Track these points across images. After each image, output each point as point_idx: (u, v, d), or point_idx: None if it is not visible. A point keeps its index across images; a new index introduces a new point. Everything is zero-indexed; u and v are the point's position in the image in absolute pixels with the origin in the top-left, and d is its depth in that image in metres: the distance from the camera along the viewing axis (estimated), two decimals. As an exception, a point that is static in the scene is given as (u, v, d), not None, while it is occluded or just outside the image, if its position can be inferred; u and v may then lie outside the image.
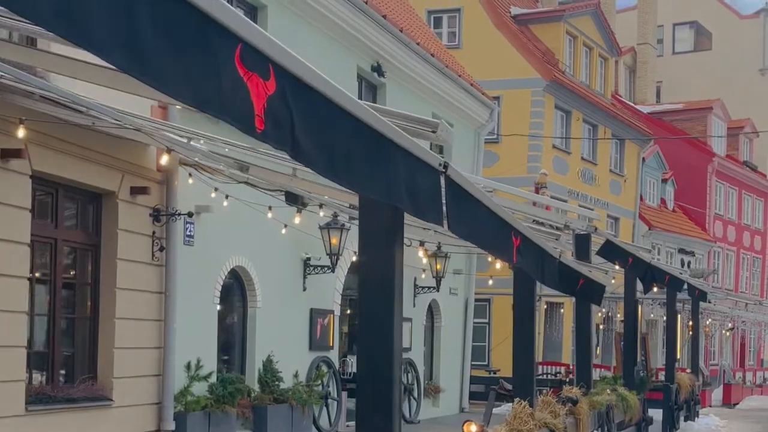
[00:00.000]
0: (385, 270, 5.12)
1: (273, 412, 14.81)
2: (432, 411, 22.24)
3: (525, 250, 6.70)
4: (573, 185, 32.65)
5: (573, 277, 9.57)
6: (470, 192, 5.27)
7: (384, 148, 4.24)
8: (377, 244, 5.17)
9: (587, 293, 10.98)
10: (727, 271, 46.34)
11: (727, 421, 22.22)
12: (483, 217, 5.58)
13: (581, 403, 10.77)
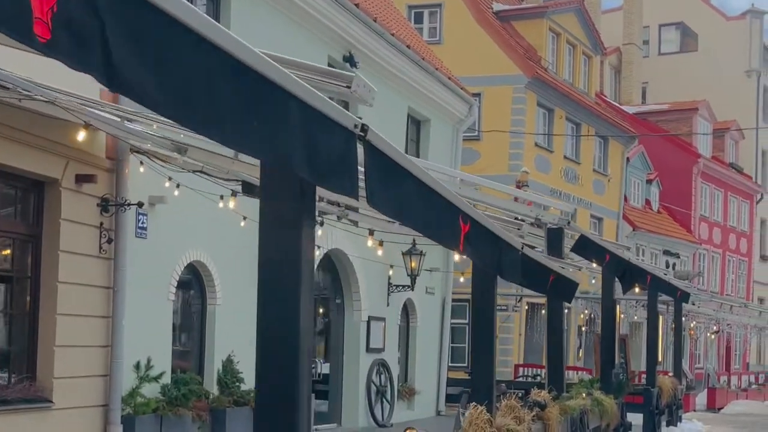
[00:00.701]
0: (288, 256, 4.35)
1: (232, 416, 14.07)
2: (406, 414, 21.52)
3: (476, 238, 5.99)
4: (555, 184, 31.99)
5: (541, 272, 8.88)
6: (401, 163, 4.54)
7: (270, 94, 3.49)
8: (279, 222, 4.39)
9: (558, 291, 10.30)
10: (713, 274, 45.77)
11: (710, 426, 21.59)
12: (419, 195, 4.85)
13: (550, 407, 10.09)
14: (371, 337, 19.71)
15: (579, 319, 32.99)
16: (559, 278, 9.91)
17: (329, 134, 3.85)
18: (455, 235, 5.56)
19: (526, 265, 8.00)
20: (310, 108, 3.71)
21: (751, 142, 51.78)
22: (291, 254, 4.27)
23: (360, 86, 4.36)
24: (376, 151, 4.23)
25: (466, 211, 5.68)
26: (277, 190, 4.24)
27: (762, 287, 52.20)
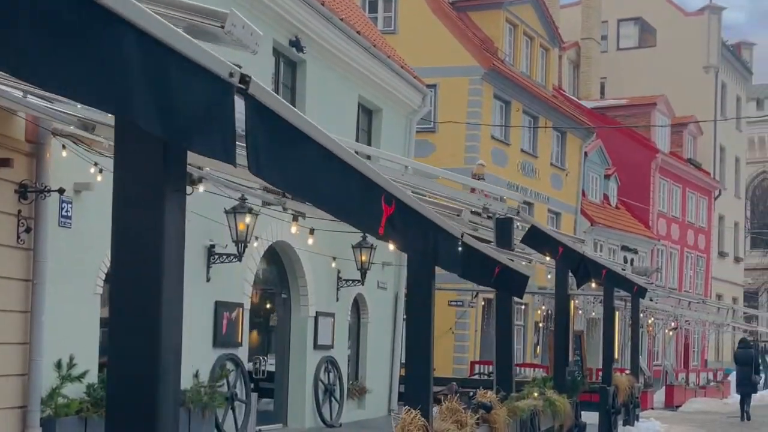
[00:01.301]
0: (147, 236, 3.59)
1: (166, 417, 13.27)
2: (357, 413, 20.82)
3: (402, 223, 5.29)
4: (512, 178, 31.42)
5: (484, 263, 8.20)
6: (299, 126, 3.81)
7: (100, 21, 2.72)
8: (137, 193, 3.61)
9: (506, 284, 9.62)
10: (671, 270, 45.46)
11: (668, 425, 21.07)
12: (325, 168, 4.13)
13: (497, 409, 9.42)
14: (319, 334, 18.98)
15: (536, 314, 32.46)
16: (507, 270, 9.24)
17: (192, 82, 3.11)
18: (375, 218, 4.86)
19: (467, 256, 7.32)
20: (161, 45, 2.96)
21: (710, 137, 51.60)
22: (151, 233, 3.52)
23: (236, 26, 3.62)
24: (263, 109, 3.49)
25: (390, 191, 4.97)
26: (135, 152, 3.48)
27: (720, 284, 52.04)
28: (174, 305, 3.52)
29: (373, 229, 5.05)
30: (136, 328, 3.52)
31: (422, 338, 7.18)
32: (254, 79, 3.46)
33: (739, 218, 57.48)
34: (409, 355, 7.61)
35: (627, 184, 41.99)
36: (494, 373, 27.91)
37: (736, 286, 56.04)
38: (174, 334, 3.54)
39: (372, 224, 4.96)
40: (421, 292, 7.15)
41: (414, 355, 7.41)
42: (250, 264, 16.44)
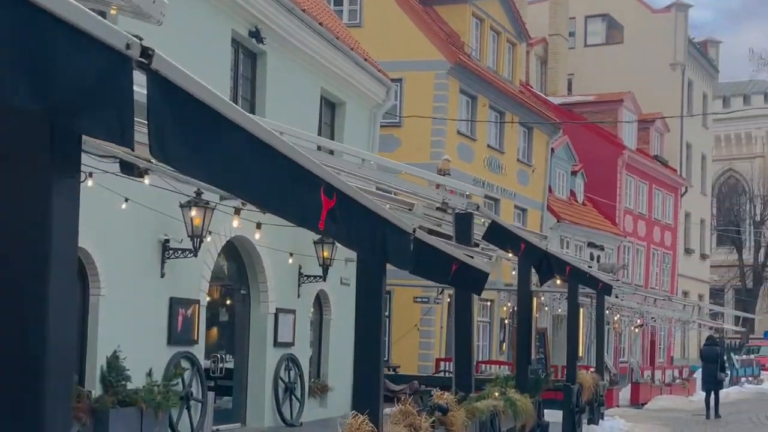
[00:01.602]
0: (31, 229, 3.16)
1: (117, 417, 12.89)
2: (318, 412, 20.45)
3: (345, 216, 4.93)
4: (478, 173, 31.15)
5: (440, 260, 7.86)
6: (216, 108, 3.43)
7: None
8: (20, 182, 3.18)
9: (464, 281, 9.29)
10: (637, 267, 45.41)
11: (633, 423, 20.84)
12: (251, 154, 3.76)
13: (454, 411, 9.09)
14: (279, 331, 18.61)
15: (502, 311, 32.22)
16: (465, 267, 8.91)
17: (80, 54, 2.72)
18: (313, 211, 4.50)
19: (420, 252, 6.98)
20: (39, 10, 2.56)
21: (676, 135, 51.64)
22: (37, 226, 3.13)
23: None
24: (170, 86, 3.11)
25: (330, 183, 4.62)
26: (16, 132, 3.08)
27: (686, 281, 52.08)
28: (64, 306, 3.13)
29: (312, 224, 4.70)
30: (16, 333, 3.11)
31: (372, 338, 6.84)
32: (160, 52, 3.07)
33: (705, 215, 57.61)
34: (357, 357, 7.28)
35: (594, 181, 41.86)
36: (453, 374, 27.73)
37: (702, 283, 56.15)
38: (64, 338, 3.15)
39: (310, 218, 4.60)
40: (370, 290, 6.81)
41: (362, 357, 7.07)
42: (207, 259, 16.04)
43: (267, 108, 17.72)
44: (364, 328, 7.00)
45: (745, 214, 70.21)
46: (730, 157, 74.91)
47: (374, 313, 6.79)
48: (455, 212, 10.77)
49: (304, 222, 4.63)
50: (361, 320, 7.02)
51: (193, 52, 14.95)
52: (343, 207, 4.92)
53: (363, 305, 6.98)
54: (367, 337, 6.88)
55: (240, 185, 3.79)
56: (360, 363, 7.10)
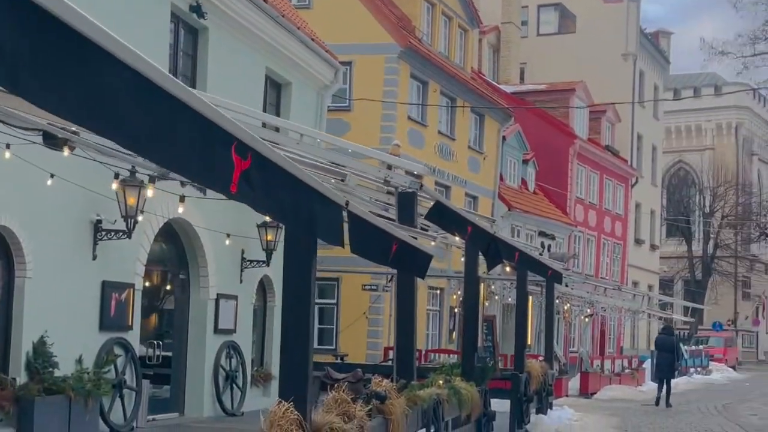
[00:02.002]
0: None
1: (43, 405, 12.24)
2: (262, 401, 19.75)
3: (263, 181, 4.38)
4: (429, 160, 30.62)
5: (377, 239, 7.34)
6: (88, 36, 2.86)
7: None
8: None
9: (407, 263, 8.78)
10: (588, 256, 45.26)
11: (582, 413, 20.50)
12: (138, 97, 3.19)
13: (393, 399, 8.59)
14: (220, 317, 17.99)
15: (452, 299, 31.80)
16: (406, 248, 8.39)
17: None
18: (224, 173, 3.96)
19: (354, 227, 6.45)
20: None
21: (627, 125, 51.57)
22: None
23: None
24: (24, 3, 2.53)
25: (244, 141, 4.06)
26: None
27: (636, 271, 52.08)
28: None
29: (220, 186, 4.15)
30: None
31: (299, 320, 6.30)
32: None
33: (655, 206, 57.68)
34: (284, 341, 6.75)
35: (545, 170, 41.60)
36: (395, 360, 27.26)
37: (652, 274, 56.22)
38: None
39: (219, 179, 4.06)
40: (299, 267, 6.27)
41: (289, 340, 6.53)
42: (143, 241, 15.40)
43: (209, 85, 17.08)
44: (291, 309, 6.47)
45: (695, 205, 70.57)
46: (681, 149, 75.25)
47: (303, 293, 6.26)
48: (398, 191, 10.26)
49: (212, 183, 4.09)
50: (289, 301, 6.49)
51: (129, 25, 14.29)
52: (261, 170, 4.37)
53: (291, 285, 6.45)
54: (294, 320, 6.35)
55: (124, 133, 3.22)
56: (287, 348, 6.56)
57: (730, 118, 75.29)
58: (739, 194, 68.12)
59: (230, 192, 4.12)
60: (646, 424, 20.52)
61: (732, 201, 67.31)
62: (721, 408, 25.44)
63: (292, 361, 6.43)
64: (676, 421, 21.20)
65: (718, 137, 75.55)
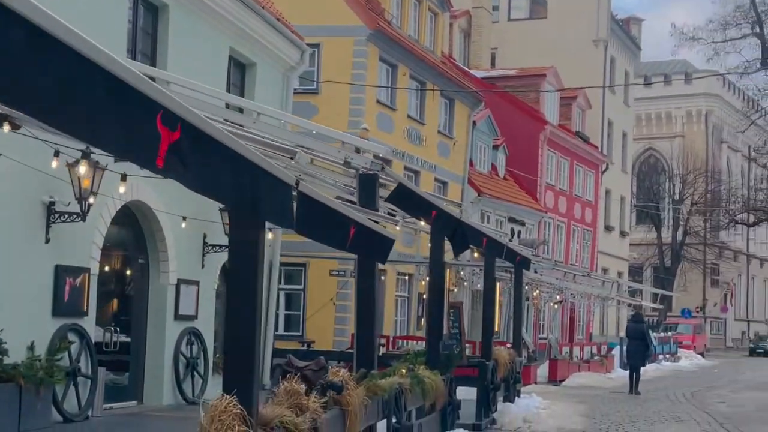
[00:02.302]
0: None
1: (-9, 394, 11.78)
2: (223, 389, 19.42)
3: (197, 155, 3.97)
4: (398, 144, 30.28)
5: (335, 222, 6.94)
6: None
7: None
8: None
9: (367, 247, 8.40)
10: (558, 243, 45.07)
11: (550, 401, 20.21)
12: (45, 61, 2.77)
13: (351, 390, 8.21)
14: (181, 303, 17.54)
15: (420, 286, 31.47)
16: (366, 232, 8.00)
17: None
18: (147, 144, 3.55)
19: (306, 209, 6.05)
20: None
21: (598, 111, 51.40)
22: None
23: None
24: None
25: (172, 110, 3.65)
26: None
27: (606, 258, 51.98)
28: None
29: (145, 159, 3.74)
30: None
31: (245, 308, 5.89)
32: None
33: (625, 193, 57.60)
34: (228, 330, 6.36)
35: (515, 156, 41.32)
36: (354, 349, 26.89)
37: (622, 261, 56.17)
38: None
39: (142, 152, 3.64)
40: (244, 251, 5.86)
41: (234, 330, 6.13)
42: (99, 225, 14.91)
43: (169, 65, 16.60)
44: (236, 295, 6.06)
45: (665, 192, 70.65)
46: (651, 136, 75.28)
47: (249, 279, 5.86)
48: (358, 173, 9.87)
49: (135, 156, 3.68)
50: (233, 287, 6.09)
51: (84, 1, 13.81)
52: (194, 143, 3.96)
53: (236, 270, 6.04)
54: (239, 307, 5.93)
55: (15, 89, 2.79)
56: (231, 337, 6.17)
57: (700, 105, 75.38)
58: (709, 181, 68.21)
59: (156, 166, 3.71)
60: (614, 411, 20.29)
61: (701, 188, 67.41)
62: (689, 395, 25.27)
63: (237, 351, 6.03)
64: (644, 409, 20.98)
65: (688, 125, 75.62)
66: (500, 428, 16.57)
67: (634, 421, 18.30)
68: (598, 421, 18.18)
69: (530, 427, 16.63)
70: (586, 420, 18.28)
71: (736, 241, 73.57)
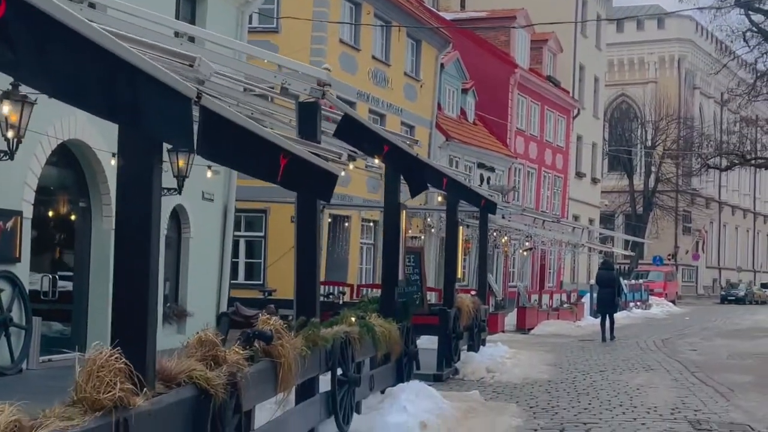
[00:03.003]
0: None
1: None
2: (176, 339, 18.35)
3: (31, 39, 3.03)
4: (362, 86, 29.31)
5: (254, 147, 6.01)
6: None
7: None
8: None
9: (302, 183, 7.47)
10: (528, 189, 44.29)
11: (516, 350, 19.46)
12: None
13: (284, 339, 7.34)
14: (126, 250, 16.56)
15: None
16: (300, 164, 7.07)
17: None
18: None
19: (214, 130, 5.12)
20: None
21: (569, 56, 50.41)
22: None
23: None
24: None
25: None
26: None
27: (577, 205, 51.30)
28: None
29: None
30: None
31: (136, 244, 5.01)
32: None
33: (597, 139, 56.79)
34: (118, 271, 5.46)
35: (485, 100, 40.35)
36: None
37: (593, 208, 55.52)
38: None
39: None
40: (135, 175, 4.95)
41: (125, 270, 5.23)
42: (33, 165, 13.90)
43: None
44: (125, 228, 5.16)
45: (637, 139, 69.97)
46: (623, 82, 74.45)
47: (140, 208, 4.94)
48: (297, 101, 8.92)
49: None
50: (123, 218, 5.18)
51: None
52: (25, 23, 3.01)
53: (126, 197, 5.13)
54: (129, 243, 5.04)
55: None
56: (121, 281, 5.27)
57: (673, 51, 74.55)
58: (681, 128, 67.53)
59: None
60: (582, 360, 19.59)
61: (674, 134, 66.73)
62: (660, 343, 24.66)
63: (127, 295, 5.14)
64: (613, 357, 20.31)
65: (660, 70, 74.84)
66: (462, 378, 15.80)
67: (602, 370, 17.60)
68: (564, 370, 17.47)
69: (494, 377, 15.87)
70: (553, 369, 17.56)
71: (708, 188, 73.12)
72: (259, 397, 7.02)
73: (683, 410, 12.58)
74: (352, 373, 9.55)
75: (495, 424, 10.80)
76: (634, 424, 11.43)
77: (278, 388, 7.30)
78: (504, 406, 12.46)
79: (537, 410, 12.45)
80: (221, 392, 5.76)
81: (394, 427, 9.54)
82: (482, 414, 11.45)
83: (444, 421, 10.25)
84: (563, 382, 15.66)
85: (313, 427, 8.70)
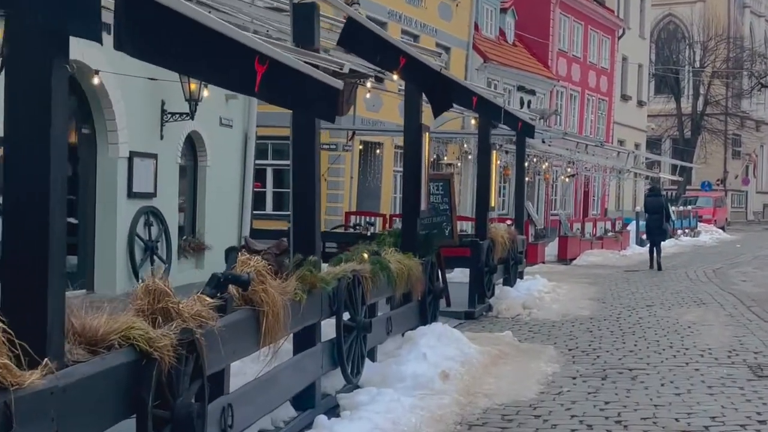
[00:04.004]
0: None
1: None
2: (193, 274, 17.38)
3: None
4: (393, 5, 27.82)
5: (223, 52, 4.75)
6: None
7: None
8: None
9: (294, 96, 6.21)
10: (571, 113, 42.63)
11: (555, 283, 18.16)
12: None
13: (268, 284, 6.13)
14: (135, 179, 15.47)
15: (421, 160, 29.32)
16: (283, 72, 5.79)
17: None
18: None
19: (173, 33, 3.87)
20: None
21: (615, -27, 48.26)
22: None
23: None
24: None
25: None
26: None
27: (623, 129, 49.55)
28: None
29: None
30: None
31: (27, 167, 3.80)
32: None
33: (643, 60, 54.73)
34: (5, 209, 4.23)
35: (525, 19, 38.61)
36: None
37: (639, 132, 53.69)
38: None
39: None
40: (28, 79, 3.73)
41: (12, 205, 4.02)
42: (23, 88, 12.70)
43: None
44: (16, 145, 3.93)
45: (684, 61, 67.60)
46: (670, 1, 71.83)
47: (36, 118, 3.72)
48: (292, 3, 7.62)
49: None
50: (11, 126, 3.95)
51: None
52: None
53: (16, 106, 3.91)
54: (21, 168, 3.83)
55: None
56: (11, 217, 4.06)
57: (724, -32, 71.69)
58: (731, 48, 65.07)
59: None
60: (627, 294, 18.28)
61: (723, 55, 64.32)
62: (711, 273, 23.26)
63: (12, 234, 3.93)
64: (661, 290, 18.98)
65: (709, -11, 72.08)
66: (496, 316, 14.59)
67: (650, 305, 16.29)
68: (608, 305, 16.19)
69: (530, 314, 14.64)
70: (595, 304, 16.28)
71: (759, 110, 70.71)
72: (236, 354, 5.85)
73: (741, 353, 11.29)
74: (361, 318, 8.35)
75: (527, 372, 9.57)
76: (686, 370, 10.17)
77: (262, 341, 6.12)
78: (539, 349, 11.23)
79: (576, 353, 11.22)
80: (169, 354, 4.58)
81: (410, 378, 8.35)
82: (513, 359, 10.23)
83: (468, 370, 9.04)
84: (606, 320, 14.40)
85: (313, 381, 7.53)
